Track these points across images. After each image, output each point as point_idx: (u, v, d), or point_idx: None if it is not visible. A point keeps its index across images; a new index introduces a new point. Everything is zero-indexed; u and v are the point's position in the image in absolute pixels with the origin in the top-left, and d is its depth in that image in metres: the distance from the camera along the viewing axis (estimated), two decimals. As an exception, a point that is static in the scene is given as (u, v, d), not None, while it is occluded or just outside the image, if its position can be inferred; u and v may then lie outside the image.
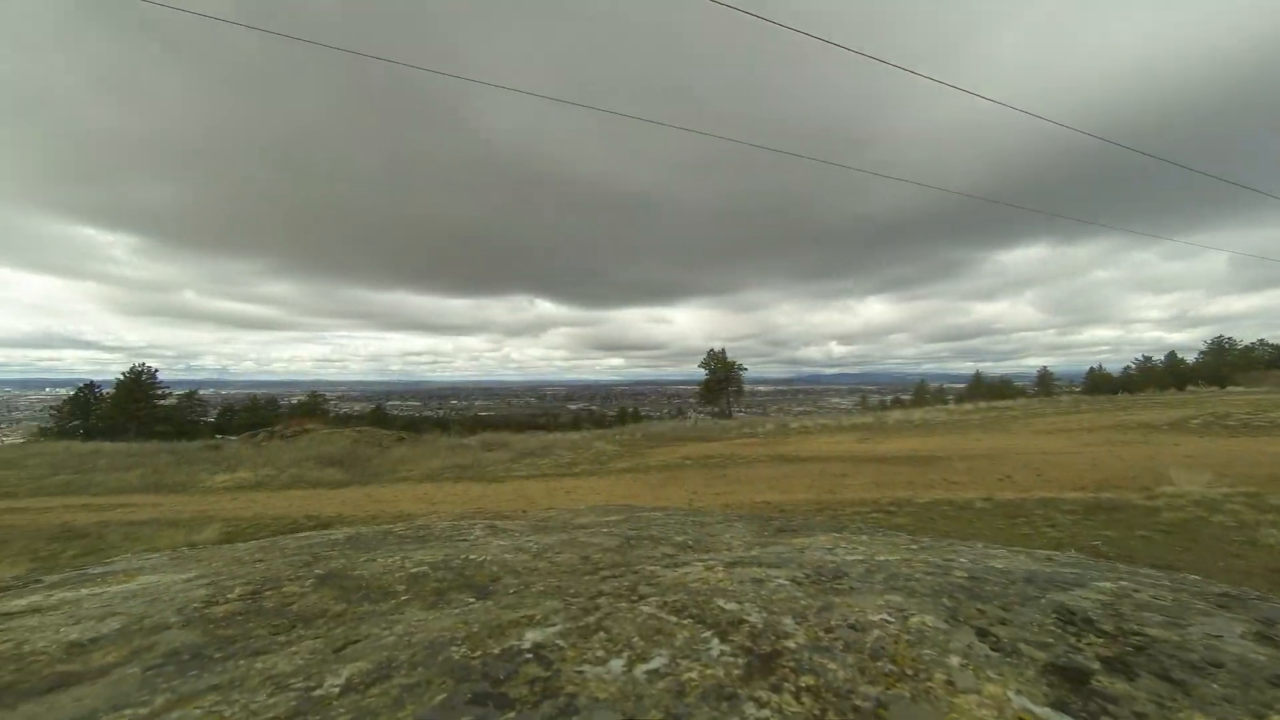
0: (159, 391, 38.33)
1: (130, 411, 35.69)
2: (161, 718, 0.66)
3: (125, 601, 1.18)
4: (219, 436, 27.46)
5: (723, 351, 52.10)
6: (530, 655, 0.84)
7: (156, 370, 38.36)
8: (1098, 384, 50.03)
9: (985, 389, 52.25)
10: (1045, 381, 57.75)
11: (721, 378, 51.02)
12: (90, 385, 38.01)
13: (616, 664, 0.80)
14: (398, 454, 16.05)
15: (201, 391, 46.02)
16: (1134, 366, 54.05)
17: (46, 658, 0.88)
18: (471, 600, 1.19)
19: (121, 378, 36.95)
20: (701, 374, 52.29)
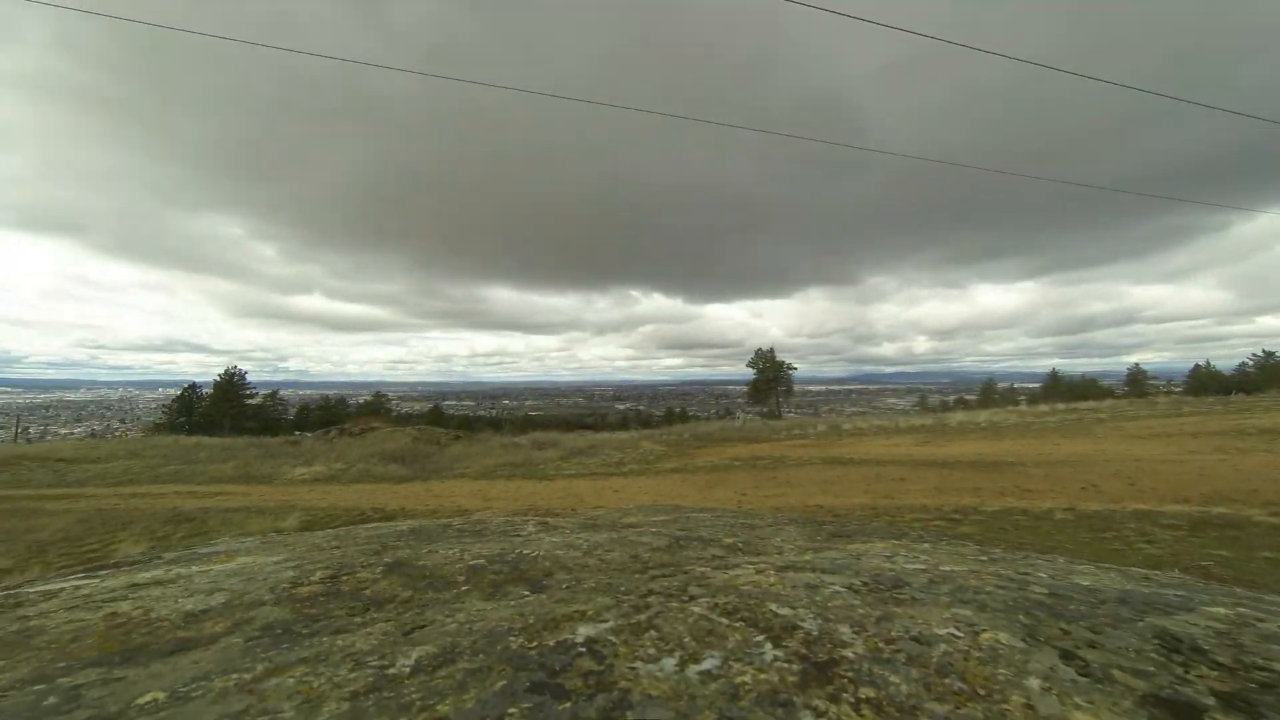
0: (248, 391, 42.37)
1: (224, 410, 39.68)
2: (262, 683, 0.74)
3: (228, 579, 1.32)
4: (297, 433, 29.96)
5: (771, 351, 50.91)
6: (584, 649, 0.87)
7: (246, 372, 42.45)
8: (1203, 383, 44.32)
9: (1064, 389, 47.72)
10: (1137, 380, 51.77)
11: (770, 377, 49.84)
12: (193, 386, 42.59)
13: (669, 663, 0.81)
14: (454, 451, 16.85)
15: (282, 391, 50.44)
16: (1251, 363, 47.37)
17: (169, 624, 1.00)
18: (526, 593, 1.23)
19: (218, 379, 41.17)
20: (750, 374, 51.35)
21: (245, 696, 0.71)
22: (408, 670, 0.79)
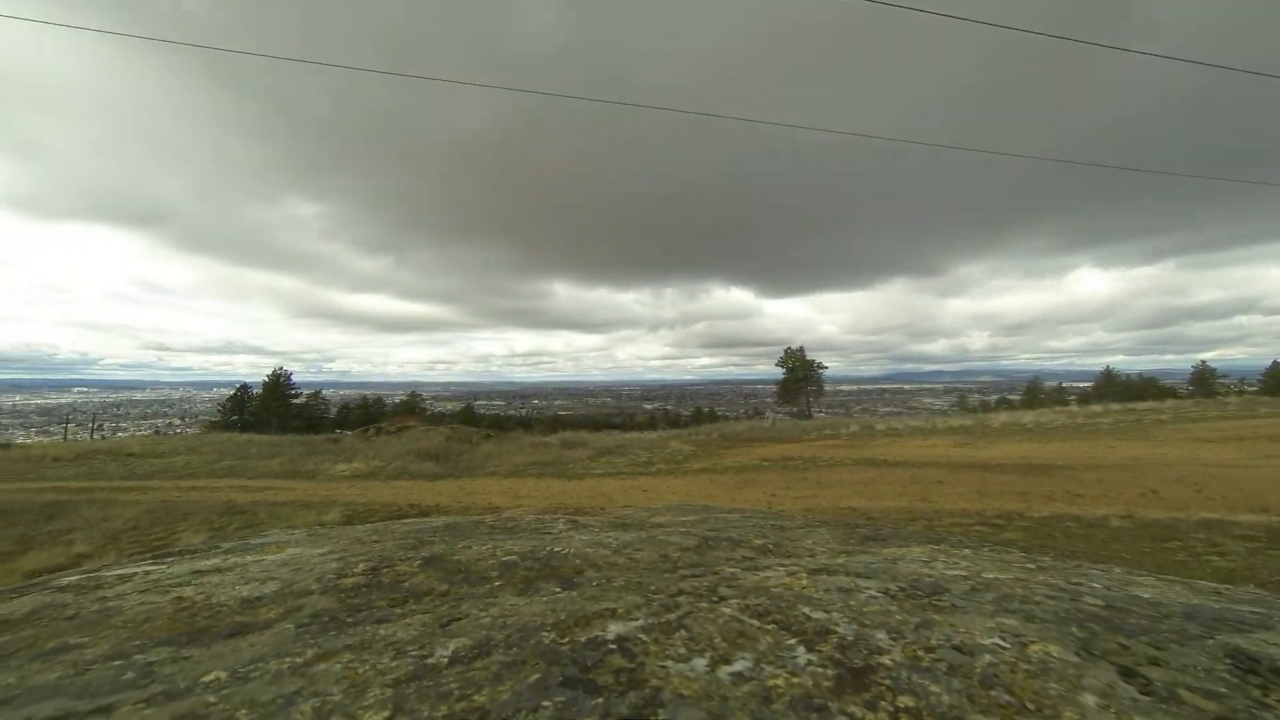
0: (293, 391, 44.59)
1: (272, 409, 41.87)
2: (312, 667, 0.78)
3: (279, 568, 1.39)
4: (338, 431, 31.28)
5: (800, 349, 49.94)
6: (614, 647, 0.87)
7: (291, 373, 44.71)
8: (1282, 382, 40.69)
9: (1119, 388, 44.69)
10: (1204, 379, 47.86)
11: (800, 376, 48.91)
12: (244, 386, 45.13)
13: (699, 663, 0.81)
14: (485, 450, 17.25)
15: (324, 391, 52.87)
16: (1342, 360, 43.08)
17: (228, 609, 1.07)
18: (558, 590, 1.25)
19: (266, 380, 43.49)
20: (779, 373, 50.53)
21: (297, 679, 0.75)
22: (445, 660, 0.82)
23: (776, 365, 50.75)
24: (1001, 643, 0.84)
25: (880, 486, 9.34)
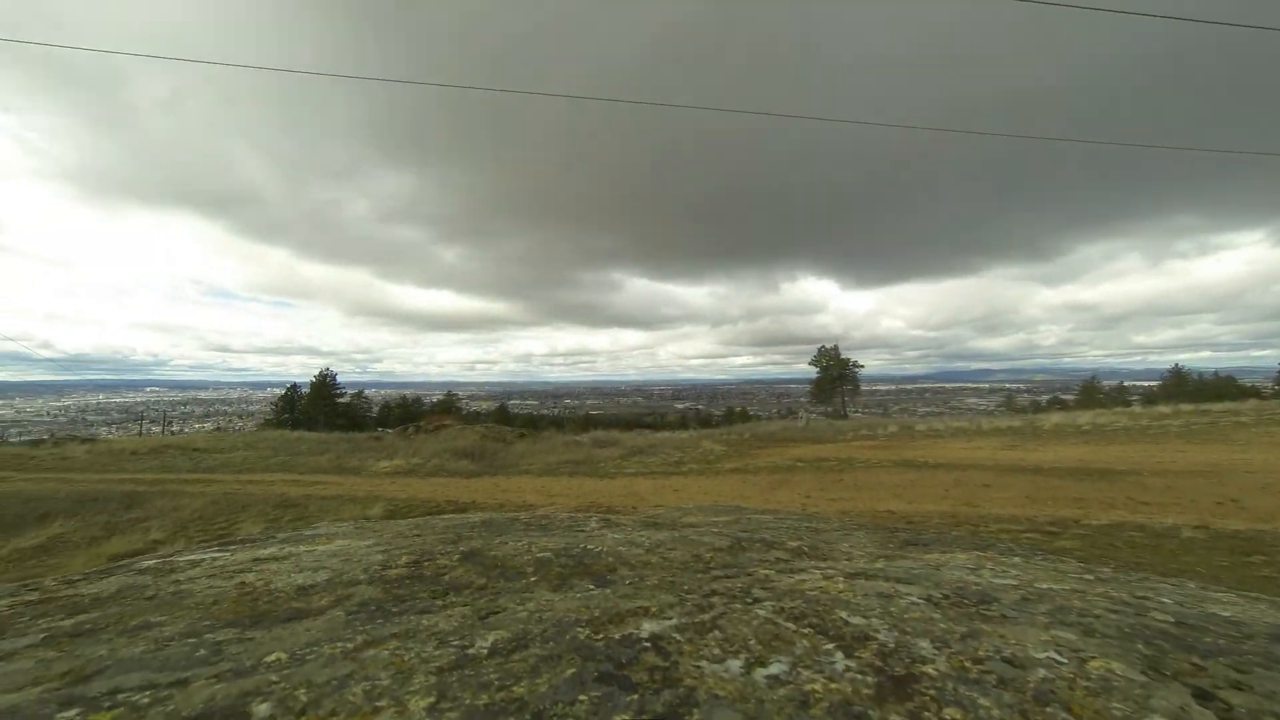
0: (338, 391, 46.90)
1: (319, 407, 44.16)
2: (362, 653, 0.82)
3: (329, 559, 1.47)
4: (380, 429, 32.64)
5: (835, 348, 48.63)
6: (649, 645, 0.88)
7: (336, 374, 47.03)
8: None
9: (1192, 388, 41.18)
10: (1293, 378, 43.63)
11: (835, 376, 47.62)
12: (294, 386, 47.78)
13: (734, 664, 0.80)
14: (519, 449, 17.62)
15: (366, 391, 55.34)
16: None
17: (285, 595, 1.14)
18: (591, 587, 1.27)
19: (313, 380, 45.93)
20: (814, 372, 49.36)
21: (349, 663, 0.79)
22: (485, 652, 0.85)
23: (810, 364, 49.61)
24: (1058, 657, 0.79)
25: (920, 489, 8.98)
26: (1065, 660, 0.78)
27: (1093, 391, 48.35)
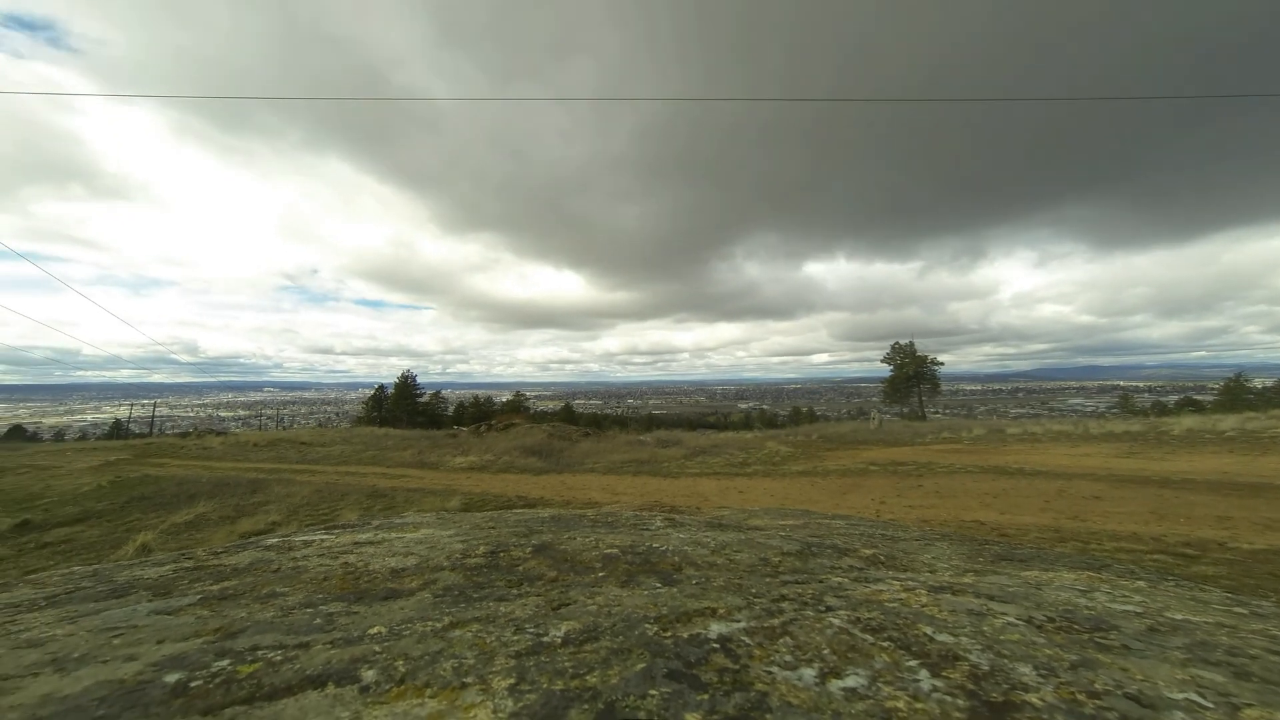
0: (418, 392, 50.80)
1: (402, 406, 48.07)
2: (449, 632, 0.89)
3: (416, 546, 1.60)
4: (455, 427, 34.90)
5: (910, 344, 45.30)
6: (717, 646, 0.88)
7: (416, 376, 50.99)
8: None
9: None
10: None
11: (910, 374, 44.38)
12: (381, 387, 52.39)
13: (808, 672, 0.78)
14: (584, 447, 18.10)
15: (443, 391, 59.46)
16: None
17: (381, 576, 1.26)
18: (658, 585, 1.28)
19: (397, 381, 50.11)
20: (886, 370, 46.34)
21: (438, 640, 0.86)
22: (559, 640, 0.89)
23: (882, 361, 46.65)
24: (1200, 700, 0.69)
25: (1014, 499, 8.15)
26: (1211, 705, 0.68)
27: (1238, 392, 40.48)
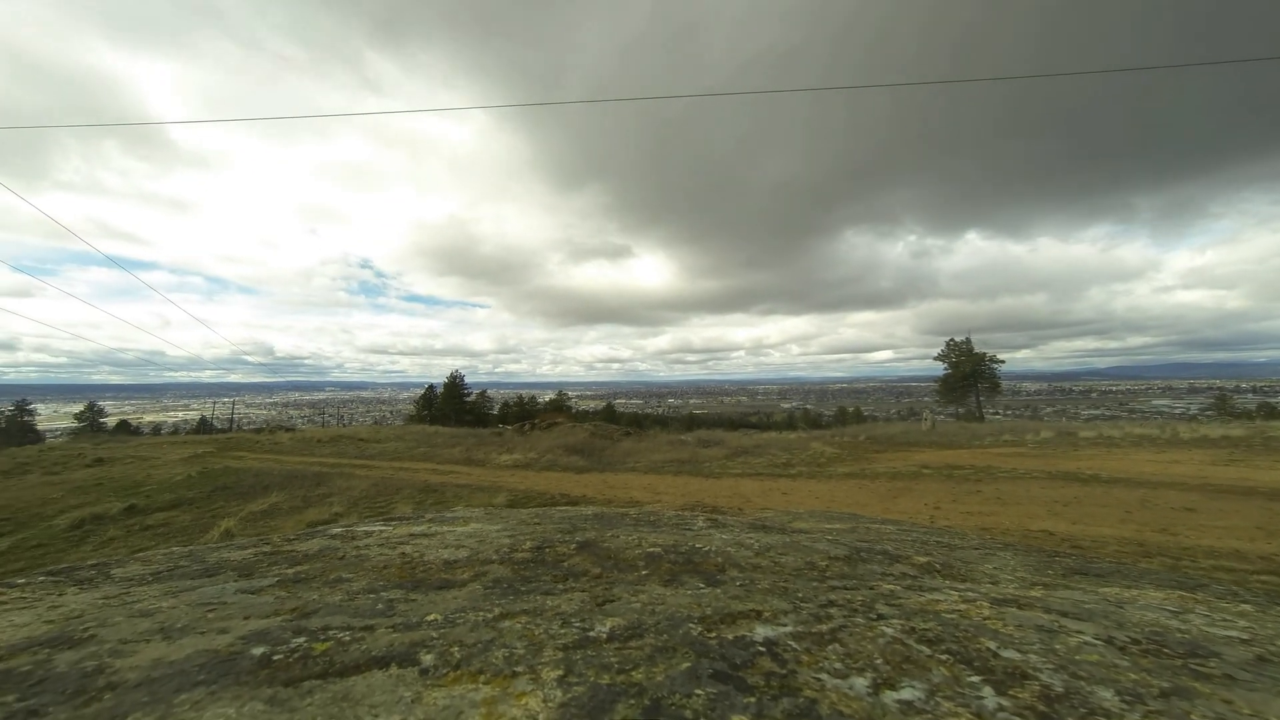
0: (465, 391, 52.91)
1: (450, 405, 50.19)
2: (499, 623, 0.93)
3: (467, 539, 1.67)
4: (500, 426, 36.03)
5: (966, 340, 42.67)
6: (763, 649, 0.86)
7: (464, 376, 53.13)
8: None
9: None
10: None
11: (966, 372, 41.82)
12: (431, 387, 54.90)
13: (859, 682, 0.76)
14: (625, 447, 18.24)
15: (489, 390, 61.63)
16: None
17: (435, 566, 1.32)
18: (701, 585, 1.28)
19: (445, 381, 52.40)
20: (939, 369, 43.90)
21: (489, 630, 0.90)
22: (604, 635, 0.90)
23: (935, 359, 44.23)
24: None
25: (1089, 508, 7.53)
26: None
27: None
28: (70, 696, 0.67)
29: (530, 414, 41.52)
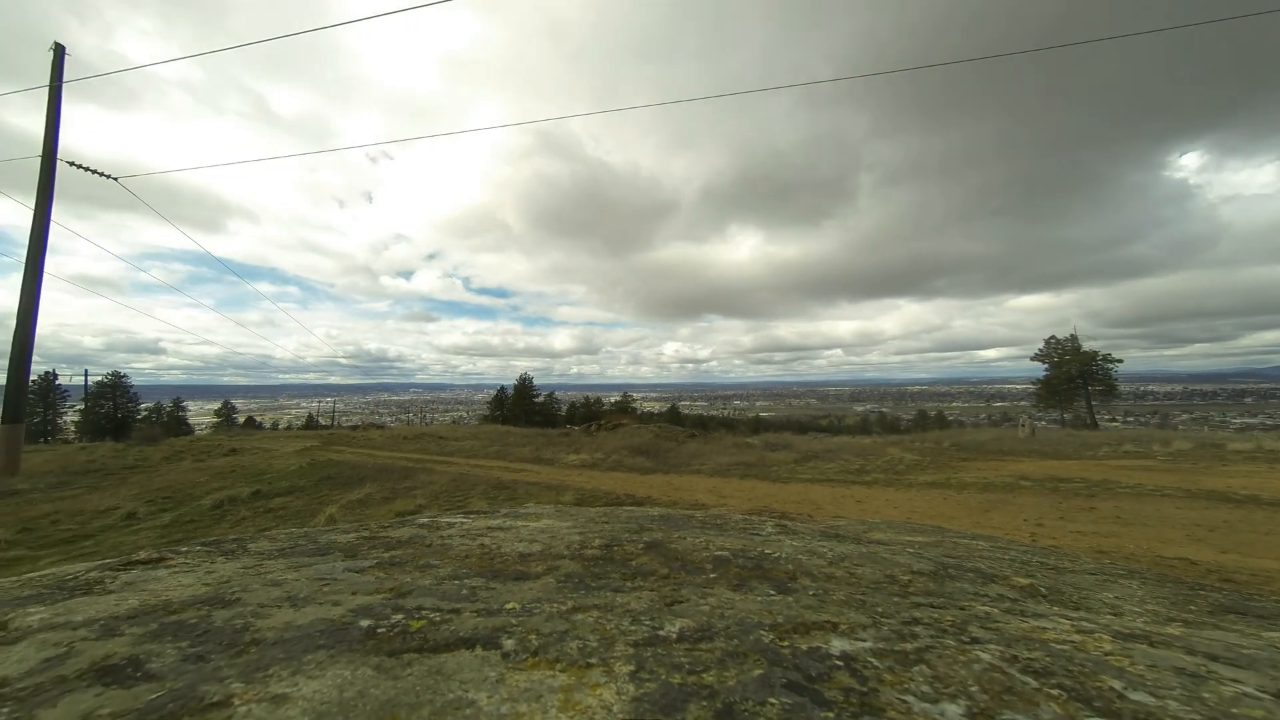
0: (534, 393, 55.30)
1: (520, 406, 52.70)
2: (573, 615, 0.96)
3: (539, 534, 1.75)
4: (567, 426, 37.22)
5: (1072, 338, 37.87)
6: (840, 664, 0.83)
7: (532, 378, 55.61)
8: None
9: None
10: None
11: (1073, 373, 37.09)
12: (502, 389, 57.98)
13: (951, 709, 0.70)
14: (690, 449, 18.13)
15: (556, 392, 64.01)
16: None
17: (511, 558, 1.40)
18: (772, 593, 1.24)
19: (516, 384, 55.14)
20: (1038, 369, 39.36)
21: (563, 621, 0.93)
22: (674, 635, 0.90)
23: (1033, 359, 39.72)
24: None
25: (1245, 535, 6.40)
26: None
27: None
28: (226, 647, 0.80)
29: (596, 415, 42.51)
